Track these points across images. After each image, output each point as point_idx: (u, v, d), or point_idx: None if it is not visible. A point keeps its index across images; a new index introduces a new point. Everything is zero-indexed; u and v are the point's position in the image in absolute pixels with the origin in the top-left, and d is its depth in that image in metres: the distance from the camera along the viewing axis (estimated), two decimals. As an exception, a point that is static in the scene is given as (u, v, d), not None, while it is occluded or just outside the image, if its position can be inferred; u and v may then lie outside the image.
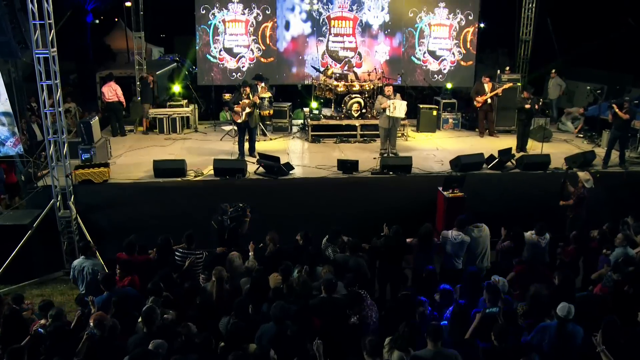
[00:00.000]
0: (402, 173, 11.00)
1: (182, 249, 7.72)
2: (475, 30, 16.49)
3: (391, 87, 12.21)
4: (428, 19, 16.44)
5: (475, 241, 8.10)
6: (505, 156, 11.48)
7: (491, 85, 14.07)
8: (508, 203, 10.73)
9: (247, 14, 16.10)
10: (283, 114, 14.70)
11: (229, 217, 8.69)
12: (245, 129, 11.95)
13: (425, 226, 8.10)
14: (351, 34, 16.47)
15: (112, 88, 14.19)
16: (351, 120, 13.93)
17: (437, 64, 16.78)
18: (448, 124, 15.30)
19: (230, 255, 7.51)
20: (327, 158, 12.13)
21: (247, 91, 11.69)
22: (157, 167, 10.76)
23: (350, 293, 6.46)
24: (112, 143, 13.54)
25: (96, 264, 7.64)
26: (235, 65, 16.39)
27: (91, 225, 10.25)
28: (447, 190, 10.11)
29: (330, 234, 8.10)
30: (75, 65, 25.80)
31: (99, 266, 7.67)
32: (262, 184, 10.72)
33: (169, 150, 12.94)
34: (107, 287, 6.81)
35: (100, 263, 7.78)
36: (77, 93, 20.95)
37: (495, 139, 14.18)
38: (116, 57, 27.32)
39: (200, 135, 14.60)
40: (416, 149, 13.24)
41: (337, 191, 10.75)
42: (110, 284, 6.84)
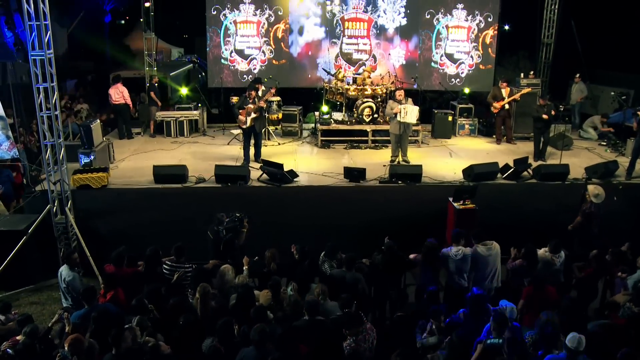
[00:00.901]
0: (411, 182, 10.50)
1: (171, 261, 7.32)
2: (494, 33, 15.91)
3: (402, 92, 11.73)
4: (445, 20, 15.91)
5: (484, 260, 7.55)
6: (521, 165, 10.90)
7: (509, 90, 13.48)
8: (523, 216, 10.14)
9: (259, 15, 15.77)
10: (293, 118, 14.29)
11: (225, 227, 8.30)
12: (250, 134, 11.57)
13: (428, 242, 7.59)
14: (366, 35, 16.02)
15: (119, 90, 13.96)
16: (362, 125, 13.46)
17: (455, 68, 16.23)
18: (464, 130, 14.74)
19: (222, 268, 7.09)
20: (336, 165, 11.69)
21: (252, 95, 11.30)
22: (157, 173, 10.44)
23: (349, 314, 6.00)
24: (118, 146, 13.37)
25: (74, 275, 7.28)
26: (246, 67, 16.06)
27: (88, 232, 9.96)
28: (458, 201, 9.58)
29: (327, 249, 7.65)
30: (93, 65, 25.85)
31: (76, 278, 7.31)
32: (264, 192, 10.32)
33: (174, 155, 12.64)
34: (87, 300, 6.48)
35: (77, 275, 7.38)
36: (92, 94, 20.91)
37: (513, 146, 13.60)
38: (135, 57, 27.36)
39: (207, 139, 14.27)
40: (429, 156, 12.73)
41: (343, 200, 10.28)
42: (90, 298, 6.49)
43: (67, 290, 7.28)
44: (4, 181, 11.25)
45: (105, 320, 6.02)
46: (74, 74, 24.56)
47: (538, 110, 12.11)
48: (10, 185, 11.48)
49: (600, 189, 9.25)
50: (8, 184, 11.37)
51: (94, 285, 7.03)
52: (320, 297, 6.39)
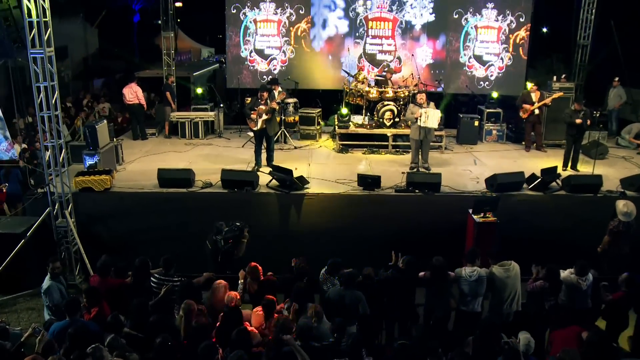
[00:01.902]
0: (429, 191, 9.81)
1: (159, 274, 6.82)
2: (527, 34, 15.08)
3: (424, 95, 11.04)
4: (475, 20, 15.17)
5: (501, 283, 6.83)
6: (549, 175, 10.10)
7: (539, 94, 12.65)
8: (548, 231, 9.34)
9: (280, 13, 15.29)
10: (311, 121, 13.72)
11: (224, 237, 7.80)
12: (262, 137, 11.06)
13: (437, 259, 6.92)
14: (390, 36, 15.39)
15: (133, 90, 13.64)
16: (383, 129, 12.82)
17: (484, 70, 15.47)
18: (491, 136, 13.94)
19: (216, 284, 6.58)
20: (351, 171, 11.08)
21: (264, 96, 10.78)
22: (161, 177, 10.00)
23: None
24: (130, 147, 13.07)
25: (50, 285, 6.84)
26: (266, 67, 15.61)
27: (89, 237, 9.64)
28: (478, 213, 8.88)
29: (329, 266, 7.06)
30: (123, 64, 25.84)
31: (53, 287, 6.85)
32: (272, 199, 9.77)
33: (185, 157, 12.22)
34: (70, 312, 6.04)
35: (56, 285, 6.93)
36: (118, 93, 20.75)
37: (543, 154, 12.77)
38: (163, 57, 27.28)
39: (222, 141, 13.82)
40: (452, 163, 12.01)
41: (355, 210, 9.64)
42: (73, 311, 6.04)
43: (45, 301, 6.85)
44: (11, 180, 11.03)
45: (82, 339, 5.54)
46: (103, 73, 24.56)
47: (571, 115, 11.22)
48: (18, 185, 11.24)
49: (631, 205, 8.35)
50: (16, 183, 11.13)
51: (78, 297, 6.57)
52: (314, 319, 5.81)
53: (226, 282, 6.60)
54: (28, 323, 8.56)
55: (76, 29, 25.94)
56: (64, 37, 24.15)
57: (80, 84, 23.74)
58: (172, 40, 15.93)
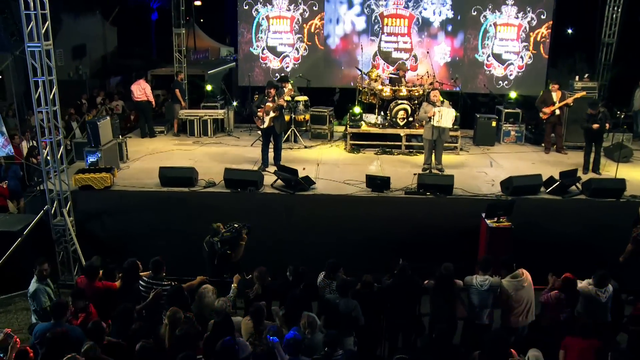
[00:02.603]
0: (441, 194, 9.33)
1: (148, 277, 6.47)
2: (548, 31, 14.50)
3: (438, 93, 10.59)
4: (494, 17, 14.64)
5: (514, 296, 6.34)
6: (568, 179, 9.56)
7: (560, 93, 12.08)
8: (567, 238, 8.79)
9: (293, 10, 14.94)
10: (322, 120, 13.31)
11: (220, 239, 7.42)
12: (270, 136, 10.70)
13: (445, 266, 6.48)
14: (406, 33, 14.93)
15: (141, 86, 13.38)
16: (396, 129, 12.37)
17: (503, 69, 14.93)
18: (510, 137, 13.39)
19: (203, 289, 6.20)
20: (361, 171, 10.64)
21: (272, 93, 10.41)
22: (163, 175, 9.69)
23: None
24: (137, 145, 12.83)
25: (37, 287, 6.52)
26: (278, 65, 15.27)
27: (87, 236, 9.36)
28: (492, 218, 8.40)
29: (327, 268, 6.66)
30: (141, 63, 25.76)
31: (40, 291, 6.53)
32: (276, 200, 9.38)
33: (191, 156, 11.91)
34: (56, 315, 5.73)
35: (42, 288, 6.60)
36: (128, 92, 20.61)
37: (563, 157, 12.19)
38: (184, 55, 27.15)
39: (232, 139, 13.48)
40: (467, 165, 11.51)
41: (362, 212, 9.18)
42: (60, 313, 5.73)
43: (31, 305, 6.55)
44: (10, 177, 10.82)
45: (60, 345, 5.22)
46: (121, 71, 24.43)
47: (587, 120, 10.66)
48: (17, 182, 11.03)
49: None
50: (14, 180, 10.92)
51: (65, 300, 6.25)
52: (306, 330, 5.41)
53: (213, 287, 6.23)
54: (23, 323, 8.35)
55: (95, 27, 25.91)
56: (82, 35, 24.18)
57: (97, 82, 23.66)
58: (183, 37, 15.68)
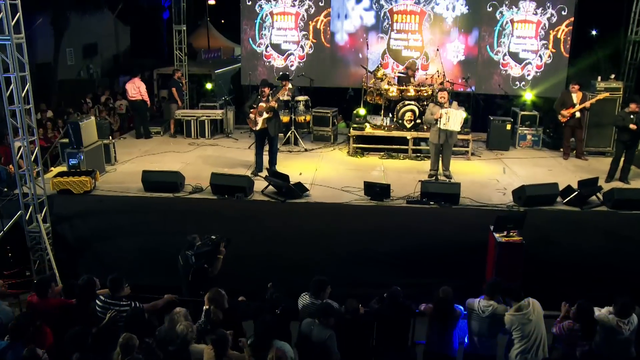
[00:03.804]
0: (446, 204, 8.51)
1: (105, 296, 5.76)
2: (569, 29, 13.57)
3: (445, 93, 9.78)
4: (510, 14, 13.74)
5: (521, 330, 5.52)
6: (588, 188, 8.66)
7: (581, 95, 11.17)
8: (585, 256, 7.88)
9: (298, 6, 14.21)
10: (325, 121, 12.56)
11: (195, 253, 6.71)
12: (264, 138, 9.98)
13: (444, 290, 5.68)
14: (417, 30, 14.09)
15: (136, 85, 12.76)
16: (402, 131, 11.57)
17: (520, 69, 14.01)
18: (525, 141, 12.50)
19: (174, 312, 5.47)
20: (362, 177, 9.82)
21: (265, 93, 9.70)
22: (146, 180, 9.02)
23: None
24: (130, 146, 12.26)
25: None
26: (282, 63, 14.55)
27: (64, 243, 8.75)
28: (501, 231, 7.56)
29: (312, 285, 5.91)
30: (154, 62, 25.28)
31: None
32: (265, 208, 8.62)
33: (184, 158, 11.25)
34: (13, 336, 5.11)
35: None
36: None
37: (583, 163, 11.28)
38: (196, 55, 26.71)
39: (229, 141, 12.79)
40: (477, 171, 10.67)
41: (360, 223, 8.36)
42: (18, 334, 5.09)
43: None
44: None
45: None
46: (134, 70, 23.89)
47: (624, 117, 9.69)
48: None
49: None
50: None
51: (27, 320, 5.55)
52: (274, 366, 4.66)
53: (186, 310, 5.51)
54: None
55: (107, 26, 25.51)
56: (93, 33, 23.76)
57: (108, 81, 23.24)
58: (184, 34, 15.01)
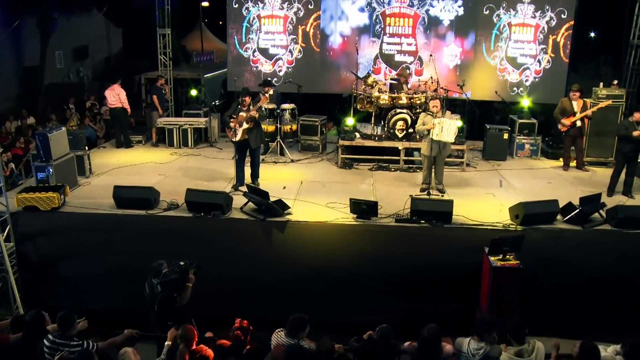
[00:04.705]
0: (438, 222, 7.92)
1: (54, 335, 5.16)
2: (569, 33, 13.00)
3: (438, 102, 9.18)
4: (508, 17, 13.18)
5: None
6: (589, 205, 8.07)
7: (582, 102, 10.60)
8: (588, 278, 7.30)
9: (287, 8, 13.65)
10: (313, 130, 11.96)
11: (161, 281, 6.13)
12: (245, 150, 9.39)
13: (430, 328, 5.10)
14: (410, 34, 13.53)
15: (115, 92, 12.20)
16: (394, 141, 10.98)
17: (518, 74, 13.44)
18: (523, 151, 11.91)
19: (122, 353, 4.91)
20: (350, 191, 9.29)
21: (246, 102, 9.11)
22: (118, 196, 8.43)
23: None
24: (110, 156, 11.71)
25: None
26: (270, 68, 13.98)
27: (29, 264, 8.15)
28: (496, 254, 6.98)
29: (290, 324, 5.32)
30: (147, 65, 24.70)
31: None
32: (243, 227, 7.99)
33: (163, 170, 10.66)
34: None
35: None
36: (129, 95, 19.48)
37: (584, 174, 10.69)
38: (190, 58, 26.17)
39: (213, 151, 12.19)
40: (472, 184, 10.08)
41: (345, 244, 7.74)
42: None
43: None
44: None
45: None
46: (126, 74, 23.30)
47: (628, 127, 9.10)
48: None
49: None
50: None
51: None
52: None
53: (134, 350, 4.93)
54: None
55: (98, 28, 24.93)
56: (84, 36, 23.15)
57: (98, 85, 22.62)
58: (169, 38, 14.43)
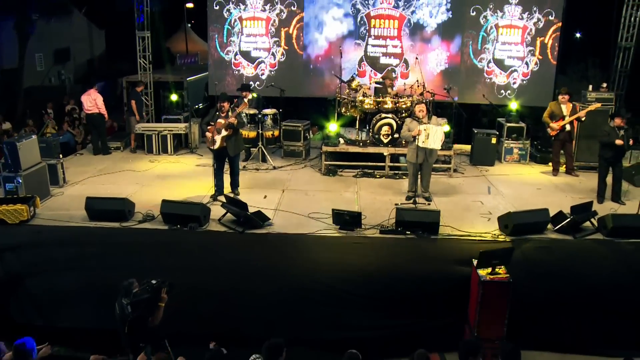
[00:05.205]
0: (424, 233, 7.60)
1: None
2: (557, 34, 12.76)
3: (424, 107, 8.89)
4: (495, 19, 12.92)
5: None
6: (581, 214, 7.80)
7: (571, 106, 10.35)
8: (581, 290, 7.01)
9: (269, 10, 13.29)
10: (296, 136, 11.61)
11: (131, 302, 5.76)
12: (223, 158, 9.03)
13: (419, 354, 4.78)
14: (396, 36, 13.23)
15: (92, 97, 11.78)
16: (379, 147, 10.66)
17: (505, 77, 13.19)
18: (512, 156, 11.65)
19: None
20: (333, 200, 8.99)
21: (225, 107, 8.76)
22: (90, 207, 8.04)
23: None
24: (87, 163, 11.36)
25: None
26: (253, 72, 13.62)
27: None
28: (484, 267, 6.67)
29: (265, 351, 4.98)
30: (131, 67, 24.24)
31: None
32: (221, 240, 7.61)
33: (140, 179, 10.28)
34: None
35: None
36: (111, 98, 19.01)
37: (574, 179, 10.45)
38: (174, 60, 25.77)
39: (193, 158, 11.82)
40: (460, 191, 9.78)
41: (326, 256, 7.37)
42: None
43: None
44: None
45: None
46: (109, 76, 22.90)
47: (610, 133, 8.92)
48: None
49: None
50: None
51: None
52: None
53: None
54: None
55: (80, 30, 24.48)
56: (66, 38, 22.65)
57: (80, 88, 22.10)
58: (148, 40, 14.01)
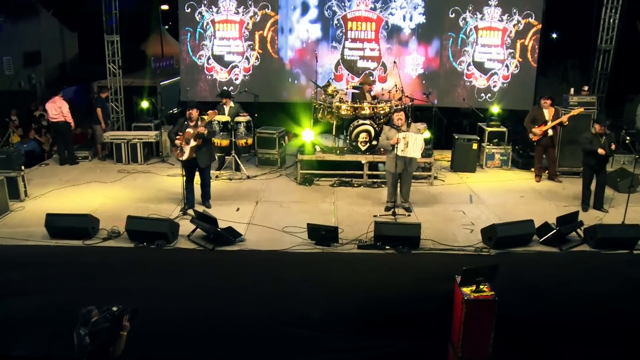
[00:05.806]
0: (404, 248, 7.24)
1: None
2: (537, 36, 12.52)
3: (403, 114, 8.54)
4: (474, 21, 12.65)
5: None
6: (566, 225, 7.50)
7: (553, 110, 10.10)
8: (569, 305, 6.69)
9: (242, 13, 12.87)
10: (271, 143, 11.20)
11: (90, 332, 5.28)
12: (193, 170, 8.58)
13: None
14: (373, 39, 12.90)
15: (57, 105, 11.30)
16: (357, 155, 10.30)
17: (485, 80, 12.92)
18: (493, 161, 11.37)
19: None
20: (309, 212, 8.62)
21: (194, 116, 8.32)
22: (51, 225, 7.55)
23: None
24: (51, 174, 10.88)
25: None
26: (226, 76, 13.17)
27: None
28: (468, 285, 6.31)
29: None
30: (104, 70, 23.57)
31: None
32: (189, 258, 7.18)
33: (107, 191, 9.79)
34: None
35: None
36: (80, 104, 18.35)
37: (557, 185, 10.21)
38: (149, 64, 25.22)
39: (164, 167, 11.35)
40: (440, 200, 9.45)
41: (301, 274, 6.93)
42: None
43: None
44: None
45: None
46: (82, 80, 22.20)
47: (591, 140, 8.67)
48: None
49: None
50: None
51: None
52: None
53: None
54: None
55: (51, 33, 23.76)
56: (36, 41, 21.92)
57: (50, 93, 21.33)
58: (117, 44, 13.46)
